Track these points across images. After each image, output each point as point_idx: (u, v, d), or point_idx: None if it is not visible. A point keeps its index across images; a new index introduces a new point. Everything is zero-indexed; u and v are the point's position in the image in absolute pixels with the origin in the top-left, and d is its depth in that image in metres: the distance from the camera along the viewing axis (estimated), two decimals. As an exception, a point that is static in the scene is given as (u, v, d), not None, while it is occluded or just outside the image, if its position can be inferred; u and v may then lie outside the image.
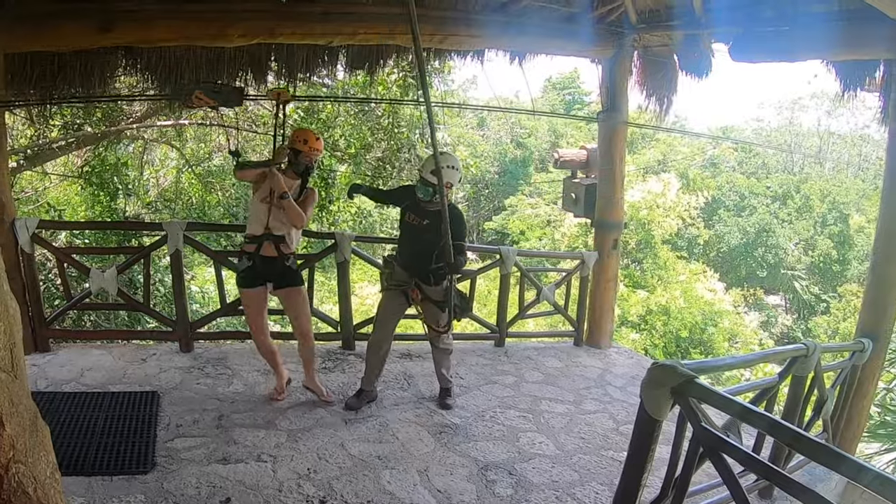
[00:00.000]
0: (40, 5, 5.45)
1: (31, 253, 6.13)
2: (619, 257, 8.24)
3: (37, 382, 5.56)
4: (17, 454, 1.62)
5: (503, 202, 28.46)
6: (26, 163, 10.78)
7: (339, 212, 13.16)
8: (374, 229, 15.19)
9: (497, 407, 5.91)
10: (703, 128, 24.10)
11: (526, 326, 10.35)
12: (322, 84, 9.27)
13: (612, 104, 7.61)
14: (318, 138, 5.28)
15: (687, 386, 2.98)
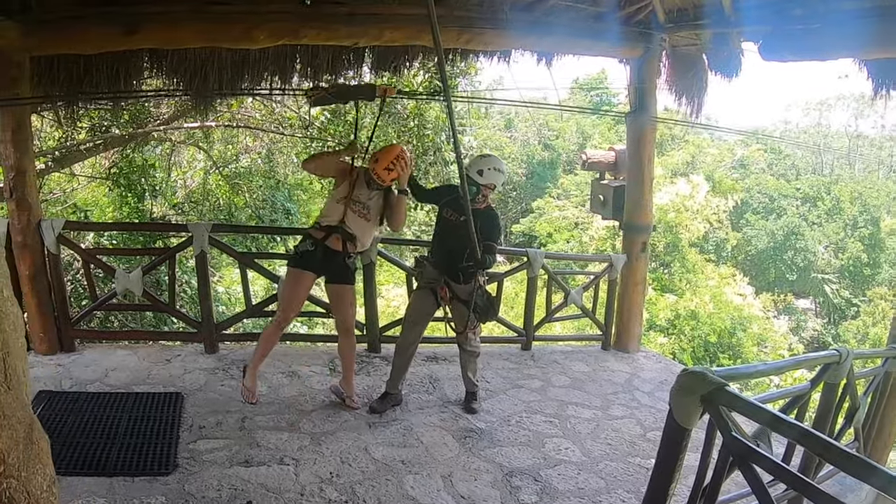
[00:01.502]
0: (66, 8, 5.50)
1: (58, 253, 6.16)
2: (648, 260, 8.12)
3: (62, 382, 5.59)
4: (7, 469, 1.57)
5: (531, 204, 28.37)
6: (54, 164, 10.87)
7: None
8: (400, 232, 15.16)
9: (523, 412, 5.84)
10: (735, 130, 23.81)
11: (553, 330, 10.26)
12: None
13: (641, 104, 7.50)
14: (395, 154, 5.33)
15: (717, 394, 2.90)
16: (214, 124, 11.85)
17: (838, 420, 4.62)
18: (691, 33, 7.09)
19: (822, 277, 27.23)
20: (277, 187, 13.48)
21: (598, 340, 8.09)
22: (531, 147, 31.41)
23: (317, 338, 8.38)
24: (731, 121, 53.01)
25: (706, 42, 7.13)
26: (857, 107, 36.23)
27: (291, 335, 7.76)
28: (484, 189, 5.36)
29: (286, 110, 12.39)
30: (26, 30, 5.36)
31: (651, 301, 17.52)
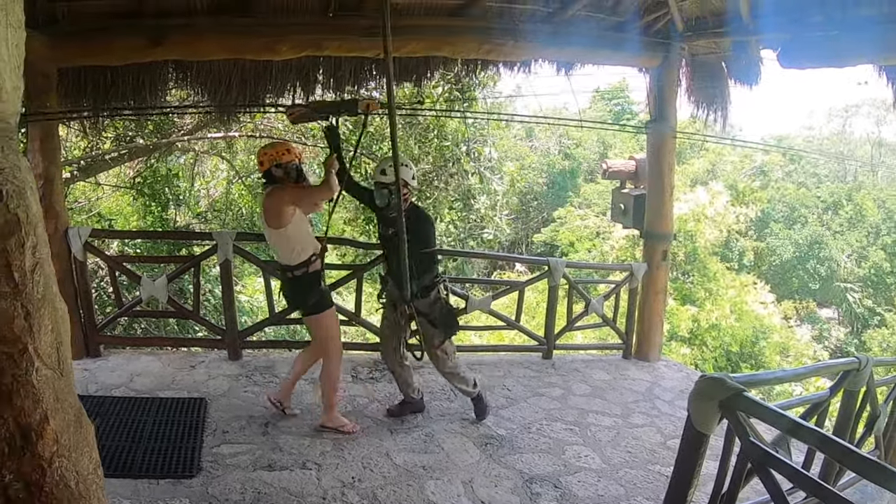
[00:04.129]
0: (92, 20, 5.63)
1: (84, 261, 6.26)
2: (669, 269, 8.09)
3: (87, 387, 5.66)
4: (60, 449, 1.67)
5: (552, 214, 28.31)
6: (80, 174, 11.05)
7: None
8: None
9: (543, 419, 5.83)
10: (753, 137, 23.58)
11: (574, 339, 10.26)
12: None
13: (660, 114, 7.50)
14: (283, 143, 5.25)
15: (735, 399, 2.90)
16: (237, 135, 11.97)
17: (858, 428, 4.58)
18: (710, 42, 7.08)
19: (844, 286, 26.89)
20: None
21: (619, 349, 8.08)
22: (552, 156, 31.38)
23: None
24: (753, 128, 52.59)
25: (725, 50, 7.13)
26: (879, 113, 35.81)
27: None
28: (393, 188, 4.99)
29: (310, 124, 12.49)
30: (53, 42, 5.48)
31: (672, 311, 17.41)
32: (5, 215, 1.50)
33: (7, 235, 1.50)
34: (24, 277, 1.54)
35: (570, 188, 30.42)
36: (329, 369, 5.14)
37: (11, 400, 1.52)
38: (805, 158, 31.73)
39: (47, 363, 1.60)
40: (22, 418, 1.55)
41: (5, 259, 1.50)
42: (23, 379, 1.53)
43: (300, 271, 4.90)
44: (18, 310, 1.52)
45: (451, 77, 8.65)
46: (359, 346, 7.95)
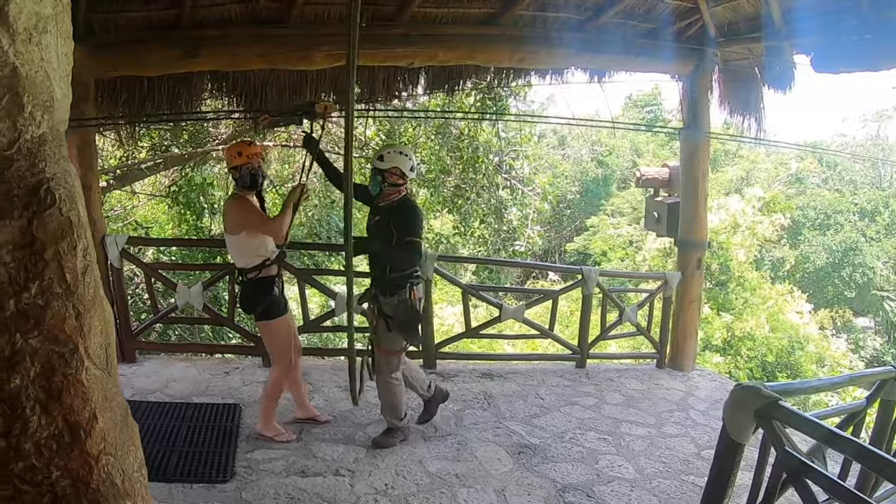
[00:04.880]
0: (129, 32, 5.73)
1: (120, 268, 6.39)
2: (703, 277, 8.00)
3: (123, 392, 5.70)
4: (107, 446, 1.71)
5: (585, 222, 28.20)
6: (116, 182, 11.22)
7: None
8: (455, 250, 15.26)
9: (577, 428, 5.80)
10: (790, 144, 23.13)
11: (608, 348, 10.19)
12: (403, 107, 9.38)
13: (694, 120, 7.43)
14: (250, 143, 5.07)
15: (771, 408, 2.88)
16: (272, 144, 12.09)
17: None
18: (743, 47, 7.04)
19: (881, 295, 26.35)
20: (332, 206, 13.64)
21: (653, 358, 8.01)
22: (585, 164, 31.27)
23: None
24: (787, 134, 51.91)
25: (758, 56, 7.07)
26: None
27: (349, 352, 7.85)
28: (389, 175, 4.87)
29: (342, 130, 12.57)
30: (91, 53, 5.57)
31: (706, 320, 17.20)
32: (58, 219, 1.54)
33: (60, 238, 1.54)
34: (76, 279, 1.58)
35: (603, 196, 30.26)
36: (275, 377, 5.07)
37: (61, 398, 1.56)
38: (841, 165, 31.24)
39: (96, 363, 1.64)
40: (71, 416, 1.59)
41: (58, 261, 1.54)
42: (73, 378, 1.57)
43: (252, 275, 4.84)
44: (70, 311, 1.56)
45: (483, 86, 8.66)
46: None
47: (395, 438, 5.19)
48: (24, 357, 1.51)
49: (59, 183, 1.57)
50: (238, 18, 5.93)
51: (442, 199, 12.86)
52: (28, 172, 1.52)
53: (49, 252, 1.52)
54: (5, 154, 1.50)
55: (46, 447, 1.57)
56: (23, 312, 1.50)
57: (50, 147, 1.59)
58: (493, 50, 6.72)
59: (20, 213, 1.49)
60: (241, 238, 4.79)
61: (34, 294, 1.51)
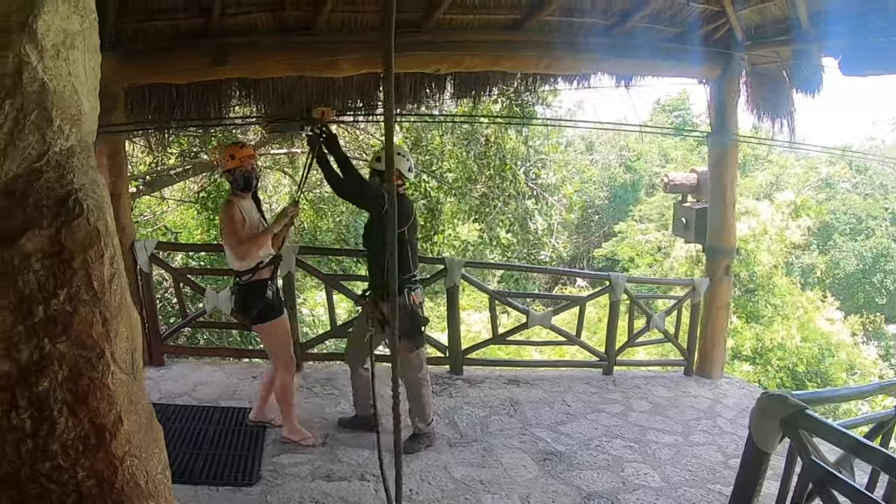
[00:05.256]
0: (157, 40, 5.82)
1: (149, 273, 6.47)
2: (731, 284, 7.93)
3: (151, 395, 5.73)
4: (132, 448, 1.76)
5: (613, 228, 27.99)
6: (145, 188, 11.44)
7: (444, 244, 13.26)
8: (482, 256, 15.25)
9: (603, 436, 5.78)
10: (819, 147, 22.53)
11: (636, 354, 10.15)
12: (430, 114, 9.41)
13: (721, 125, 7.37)
14: (242, 146, 5.08)
15: (797, 417, 2.85)
16: (300, 150, 12.19)
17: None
18: (770, 51, 6.98)
19: (913, 302, 25.80)
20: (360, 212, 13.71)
21: (681, 366, 7.94)
22: (612, 170, 31.07)
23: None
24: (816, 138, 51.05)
25: (786, 59, 7.01)
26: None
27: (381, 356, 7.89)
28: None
29: (370, 137, 12.66)
30: (120, 61, 5.66)
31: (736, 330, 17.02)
32: (86, 228, 1.59)
33: (88, 247, 1.59)
34: (103, 286, 1.63)
35: (632, 202, 30.01)
36: (281, 382, 5.04)
37: (87, 401, 1.61)
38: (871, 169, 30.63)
39: (122, 367, 1.69)
40: (97, 418, 1.64)
41: (86, 269, 1.59)
42: (99, 382, 1.62)
43: (246, 278, 4.83)
44: (97, 317, 1.61)
45: (510, 92, 8.67)
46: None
47: (421, 444, 5.21)
48: (52, 361, 1.56)
49: (87, 193, 1.62)
50: (265, 26, 6.00)
51: (468, 208, 12.87)
52: (57, 184, 1.58)
53: (77, 260, 1.57)
54: (35, 166, 1.55)
55: (73, 448, 1.62)
56: (51, 318, 1.55)
57: (78, 159, 1.64)
58: (520, 56, 6.73)
59: (49, 222, 1.54)
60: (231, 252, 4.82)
61: (62, 301, 1.56)
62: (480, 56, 6.55)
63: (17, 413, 1.56)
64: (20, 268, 1.52)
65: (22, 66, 1.47)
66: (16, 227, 1.52)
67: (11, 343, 1.54)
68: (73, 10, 1.61)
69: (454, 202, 12.89)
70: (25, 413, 1.57)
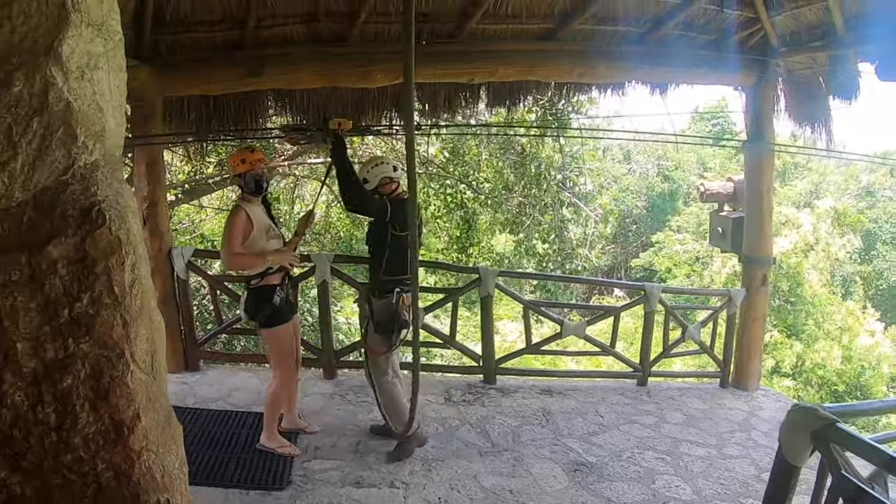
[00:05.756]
0: (194, 52, 5.99)
1: (186, 279, 6.58)
2: (769, 294, 7.82)
3: (186, 399, 5.95)
4: (149, 444, 1.84)
5: (650, 238, 27.69)
6: (184, 196, 11.63)
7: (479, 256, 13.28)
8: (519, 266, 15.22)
9: (635, 447, 5.74)
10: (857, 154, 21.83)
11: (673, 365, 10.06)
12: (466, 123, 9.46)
13: (757, 132, 7.29)
14: (252, 150, 5.09)
15: (828, 430, 2.80)
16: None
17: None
18: (806, 57, 6.88)
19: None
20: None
21: (716, 377, 7.84)
22: (650, 179, 30.77)
23: (435, 368, 8.50)
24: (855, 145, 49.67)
25: (822, 65, 6.92)
26: None
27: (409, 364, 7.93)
28: (383, 188, 5.03)
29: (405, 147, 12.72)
30: (158, 73, 5.87)
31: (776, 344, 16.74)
32: (108, 237, 1.68)
33: (110, 254, 1.68)
34: (124, 291, 1.72)
35: (670, 211, 29.64)
36: (273, 388, 5.02)
37: (108, 398, 1.71)
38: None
39: (141, 367, 1.78)
40: (116, 414, 1.73)
41: (107, 275, 1.68)
42: (119, 380, 1.71)
43: (255, 282, 4.85)
44: (118, 319, 1.70)
45: (544, 101, 8.69)
46: (454, 369, 8.04)
47: (408, 448, 5.17)
48: (75, 360, 1.66)
49: (111, 204, 1.72)
50: (300, 38, 6.15)
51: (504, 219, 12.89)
52: (82, 195, 1.68)
53: (99, 266, 1.66)
54: (61, 179, 1.66)
55: (93, 441, 1.72)
56: (75, 320, 1.65)
57: (102, 172, 1.74)
58: (553, 65, 6.75)
59: (74, 231, 1.64)
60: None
61: (86, 304, 1.65)
62: (514, 65, 6.58)
63: (43, 407, 1.67)
64: (47, 273, 1.62)
65: (48, 86, 1.57)
66: (44, 235, 1.63)
67: (38, 342, 1.64)
68: (96, 33, 1.72)
69: (490, 212, 12.91)
70: (50, 407, 1.67)
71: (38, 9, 1.57)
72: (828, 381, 16.28)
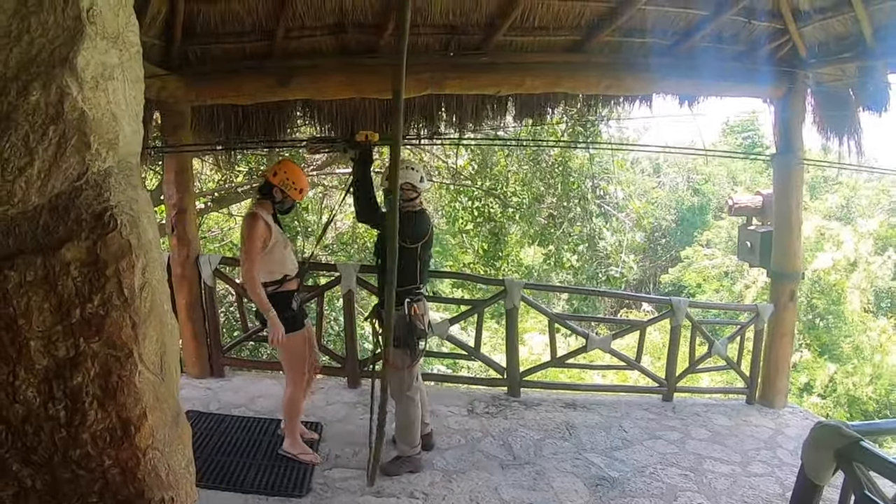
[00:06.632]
0: (223, 62, 6.10)
1: (213, 286, 6.67)
2: (797, 310, 7.70)
3: (209, 404, 6.03)
4: (155, 442, 1.90)
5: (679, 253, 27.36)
6: (213, 205, 11.83)
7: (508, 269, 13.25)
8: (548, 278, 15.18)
9: (658, 463, 5.69)
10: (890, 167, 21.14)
11: (700, 381, 9.94)
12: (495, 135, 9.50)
13: (786, 146, 7.18)
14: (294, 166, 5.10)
15: (851, 449, 2.75)
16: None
17: None
18: (835, 68, 6.79)
19: None
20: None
21: (743, 394, 7.72)
22: (680, 192, 30.46)
23: (459, 379, 8.51)
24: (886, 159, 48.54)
25: (851, 76, 6.83)
26: None
27: (434, 376, 7.96)
28: (402, 192, 4.83)
29: (435, 159, 12.81)
30: (187, 82, 5.98)
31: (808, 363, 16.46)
32: (119, 241, 1.75)
33: (120, 257, 1.74)
34: (133, 293, 1.78)
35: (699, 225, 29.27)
36: (290, 394, 5.04)
37: (116, 396, 1.77)
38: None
39: (150, 368, 1.84)
40: (124, 413, 1.79)
41: (118, 277, 1.74)
42: (127, 379, 1.77)
43: (272, 288, 4.85)
44: (127, 321, 1.76)
45: (573, 113, 8.68)
46: (478, 381, 8.03)
47: (403, 468, 5.09)
48: (85, 359, 1.73)
49: (123, 209, 1.78)
50: (328, 49, 6.24)
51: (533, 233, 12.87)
52: (95, 200, 1.74)
53: (110, 269, 1.72)
54: (75, 184, 1.73)
55: (101, 438, 1.78)
56: (86, 320, 1.71)
57: (116, 178, 1.81)
58: (580, 77, 6.75)
59: (87, 234, 1.71)
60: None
61: (96, 305, 1.71)
62: (541, 77, 6.60)
63: (53, 404, 1.73)
64: (60, 274, 1.69)
65: (63, 96, 1.64)
66: (58, 238, 1.69)
67: (50, 341, 1.70)
68: (111, 45, 1.79)
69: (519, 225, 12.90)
70: (60, 404, 1.73)
71: (55, 22, 1.64)
72: (857, 400, 15.95)
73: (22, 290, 1.67)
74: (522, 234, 13.20)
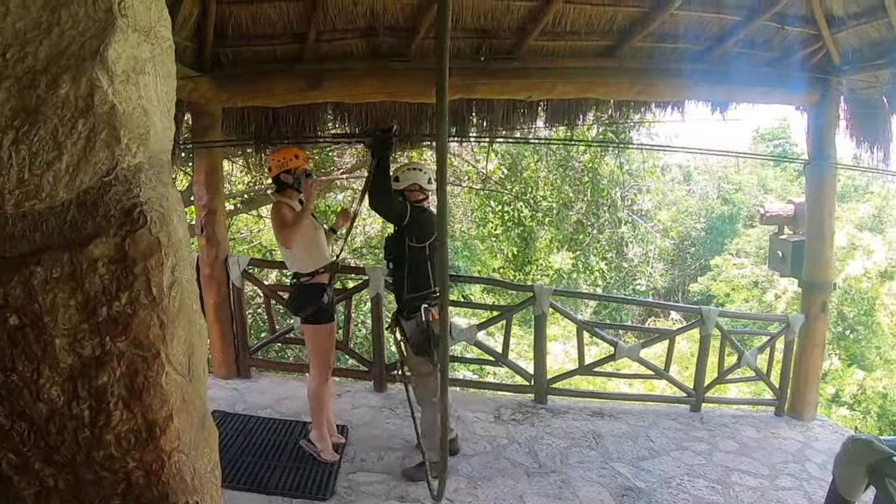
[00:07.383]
0: (254, 65, 6.13)
1: (241, 288, 6.70)
2: (828, 321, 7.55)
3: (235, 405, 6.06)
4: (181, 445, 1.85)
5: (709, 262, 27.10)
6: (243, 206, 11.91)
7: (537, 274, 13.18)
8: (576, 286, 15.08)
9: (685, 475, 5.62)
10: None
11: (728, 392, 9.79)
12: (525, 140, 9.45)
13: (819, 153, 7.04)
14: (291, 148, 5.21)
15: (884, 464, 2.70)
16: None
17: None
18: (869, 75, 6.68)
19: None
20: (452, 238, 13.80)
21: (772, 405, 7.58)
22: (710, 201, 30.20)
23: (486, 385, 8.46)
24: None
25: (885, 83, 6.69)
26: None
27: (461, 381, 7.92)
28: (410, 194, 5.00)
29: (464, 164, 12.80)
30: (218, 84, 6.03)
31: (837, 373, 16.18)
32: (148, 238, 1.72)
33: (149, 255, 1.72)
34: (162, 292, 1.75)
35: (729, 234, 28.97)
36: (315, 387, 5.09)
37: (141, 397, 1.73)
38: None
39: (177, 369, 1.81)
40: (149, 414, 1.75)
41: (146, 275, 1.71)
42: (153, 380, 1.74)
43: (306, 279, 4.94)
44: (155, 320, 1.73)
45: (604, 118, 8.62)
46: (505, 388, 7.98)
47: (427, 474, 4.89)
48: (111, 358, 1.70)
49: (153, 206, 1.75)
50: (359, 52, 6.25)
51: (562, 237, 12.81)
52: (124, 196, 1.72)
53: (138, 267, 1.70)
54: (105, 180, 1.70)
55: (125, 440, 1.74)
56: (113, 319, 1.68)
57: (146, 174, 1.78)
58: (612, 83, 6.72)
59: (115, 231, 1.68)
60: (291, 252, 4.92)
61: (124, 303, 1.68)
62: (572, 83, 6.58)
63: (78, 403, 1.70)
64: (87, 271, 1.66)
65: (94, 89, 1.62)
66: (86, 234, 1.67)
67: (76, 339, 1.67)
68: (143, 38, 1.77)
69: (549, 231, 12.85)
70: (85, 404, 1.70)
71: (86, 14, 1.62)
72: (888, 412, 15.67)
73: (48, 286, 1.64)
74: (551, 239, 13.15)
